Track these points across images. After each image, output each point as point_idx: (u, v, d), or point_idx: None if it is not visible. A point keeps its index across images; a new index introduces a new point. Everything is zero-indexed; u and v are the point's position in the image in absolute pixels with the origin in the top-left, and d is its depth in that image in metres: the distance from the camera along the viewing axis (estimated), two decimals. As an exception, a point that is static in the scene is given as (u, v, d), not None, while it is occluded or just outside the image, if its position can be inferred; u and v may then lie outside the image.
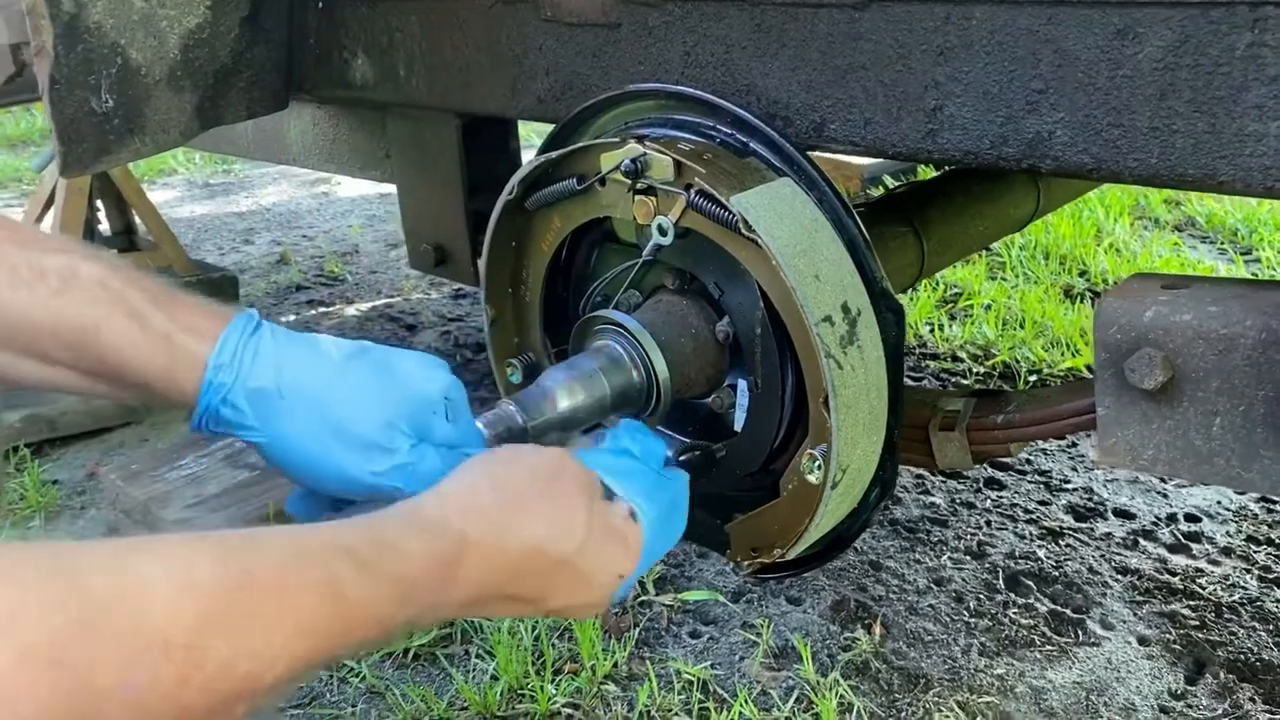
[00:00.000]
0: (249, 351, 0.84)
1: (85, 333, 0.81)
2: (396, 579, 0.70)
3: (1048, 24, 0.95)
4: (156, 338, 0.82)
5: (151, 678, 0.55)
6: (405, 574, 0.71)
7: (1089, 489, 2.37)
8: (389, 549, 0.71)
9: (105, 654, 0.53)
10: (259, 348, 0.85)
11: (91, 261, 0.83)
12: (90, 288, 0.81)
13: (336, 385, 0.86)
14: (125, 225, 3.13)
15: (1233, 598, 1.97)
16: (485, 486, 0.81)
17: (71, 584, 0.55)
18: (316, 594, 0.64)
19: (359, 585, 0.67)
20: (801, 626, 1.91)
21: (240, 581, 0.60)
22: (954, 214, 1.71)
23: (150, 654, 0.55)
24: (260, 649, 0.60)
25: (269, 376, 0.84)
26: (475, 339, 3.32)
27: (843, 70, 1.09)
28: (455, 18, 1.44)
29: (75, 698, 0.52)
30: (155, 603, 0.56)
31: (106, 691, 0.53)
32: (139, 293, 0.83)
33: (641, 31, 1.25)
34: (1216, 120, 0.88)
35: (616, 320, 1.16)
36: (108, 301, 0.81)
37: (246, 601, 0.60)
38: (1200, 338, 0.95)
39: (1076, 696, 1.75)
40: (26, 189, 5.62)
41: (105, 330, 0.81)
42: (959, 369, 2.98)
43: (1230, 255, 3.77)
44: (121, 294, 0.82)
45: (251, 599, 0.60)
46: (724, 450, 1.22)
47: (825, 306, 1.02)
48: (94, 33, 1.39)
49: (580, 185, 1.18)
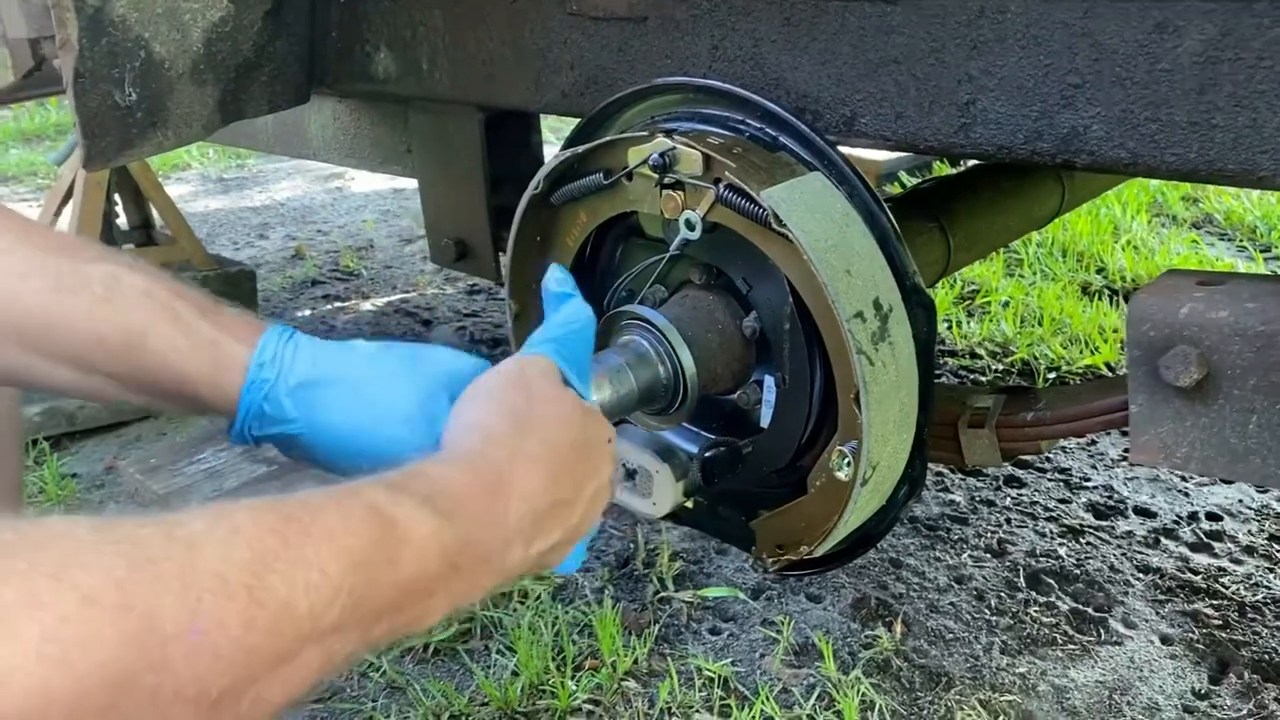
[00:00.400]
0: (288, 350, 0.86)
1: (130, 339, 0.82)
2: (434, 495, 0.70)
3: (1084, 17, 0.94)
4: (203, 343, 0.83)
5: (217, 619, 0.54)
6: (444, 490, 0.71)
7: (1109, 487, 2.36)
8: (418, 474, 0.72)
9: (169, 596, 0.53)
10: (298, 346, 0.87)
11: (135, 271, 0.84)
12: (135, 296, 0.82)
13: (372, 371, 0.88)
14: (143, 219, 3.13)
15: (1256, 597, 1.96)
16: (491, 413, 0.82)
17: (125, 536, 0.54)
18: (359, 521, 0.64)
19: (398, 504, 0.67)
20: (822, 624, 1.91)
21: (283, 524, 0.60)
22: (980, 210, 1.70)
23: (213, 594, 0.55)
24: (317, 582, 0.59)
25: (306, 370, 0.86)
26: (491, 334, 3.32)
27: (874, 64, 1.08)
28: (479, 11, 1.44)
29: (143, 641, 0.51)
30: (208, 547, 0.56)
31: (173, 635, 0.52)
32: (183, 302, 0.84)
33: (668, 25, 1.24)
34: (1258, 115, 0.87)
35: (643, 315, 1.15)
36: (153, 309, 0.82)
37: (294, 539, 0.60)
38: (1237, 334, 0.94)
39: (1099, 695, 1.74)
40: (42, 183, 5.64)
41: (152, 336, 0.82)
42: (978, 366, 2.97)
43: (1250, 253, 3.74)
44: (167, 302, 0.83)
45: (298, 536, 0.60)
46: (750, 447, 1.21)
47: (857, 302, 1.02)
48: (118, 26, 1.39)
49: (607, 180, 1.18)
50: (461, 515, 0.71)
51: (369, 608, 0.63)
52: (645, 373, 1.12)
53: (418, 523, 0.67)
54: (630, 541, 2.16)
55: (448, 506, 0.70)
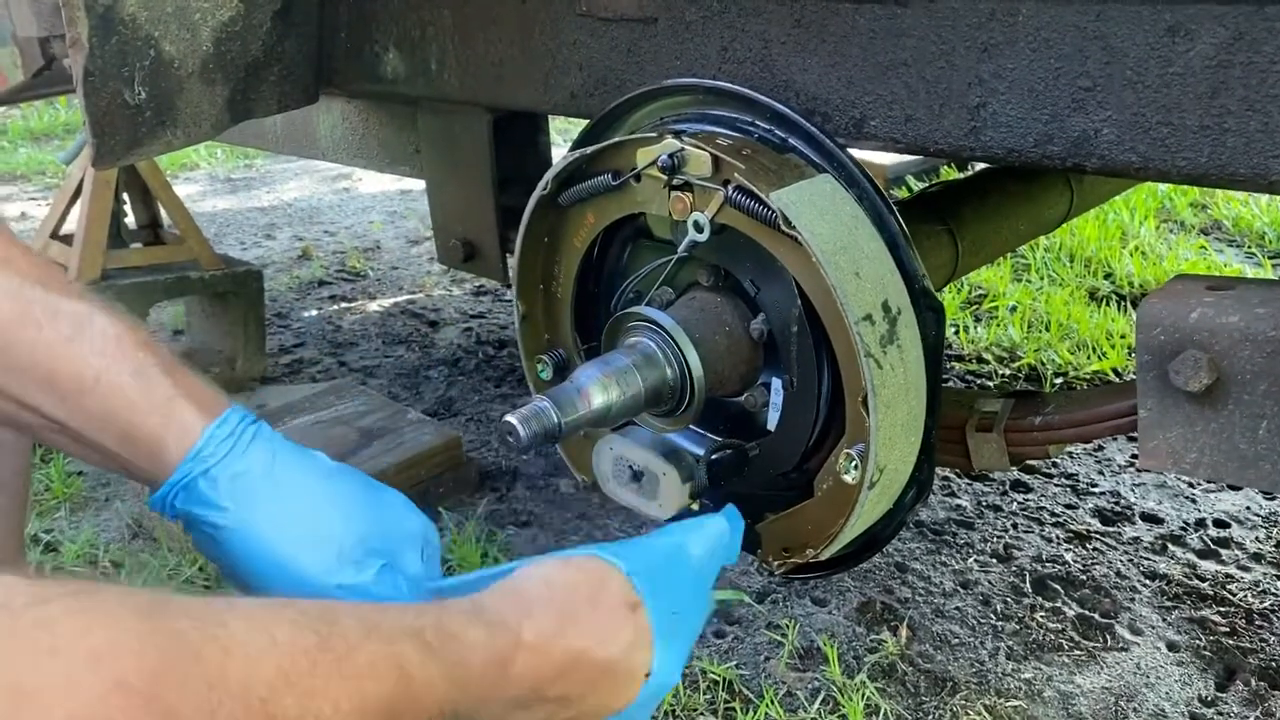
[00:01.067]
0: (248, 433, 0.83)
1: (83, 382, 0.79)
2: (457, 666, 0.73)
3: (1096, 20, 0.94)
4: (159, 400, 0.81)
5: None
6: (465, 662, 0.74)
7: (1116, 493, 2.35)
8: (453, 638, 0.74)
9: (193, 697, 0.56)
10: (258, 434, 0.84)
11: (109, 316, 0.82)
12: (102, 340, 0.80)
13: (326, 489, 0.85)
14: (151, 218, 3.13)
15: (1264, 604, 1.95)
16: (539, 592, 0.83)
17: (165, 629, 0.57)
18: (384, 671, 0.67)
19: (424, 667, 0.70)
20: (827, 628, 1.90)
21: (318, 650, 0.63)
22: (989, 213, 1.69)
23: (232, 703, 0.57)
24: (328, 715, 0.62)
25: (259, 463, 0.83)
26: (497, 335, 3.32)
27: (884, 66, 1.08)
28: (489, 12, 1.44)
29: None
30: (239, 655, 0.59)
31: None
32: (151, 356, 0.82)
33: (678, 26, 1.24)
34: (1270, 119, 0.86)
35: (650, 317, 1.15)
36: (117, 356, 0.80)
37: (321, 669, 0.63)
38: (1247, 340, 0.94)
39: (1105, 702, 1.73)
40: (50, 182, 5.65)
41: (105, 383, 0.80)
42: (984, 370, 2.96)
43: (1258, 259, 3.73)
44: (132, 353, 0.81)
45: (326, 667, 0.63)
46: (756, 449, 1.21)
47: (865, 305, 1.01)
48: (128, 25, 1.39)
49: (615, 181, 1.17)
50: (470, 688, 0.74)
51: None
52: (652, 374, 1.12)
53: (435, 689, 0.71)
54: (635, 544, 2.15)
55: (463, 677, 0.74)
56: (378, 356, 3.23)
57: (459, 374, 3.06)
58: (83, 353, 0.79)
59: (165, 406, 0.81)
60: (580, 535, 2.22)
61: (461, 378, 3.04)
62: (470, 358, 3.17)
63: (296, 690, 0.61)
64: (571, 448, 1.37)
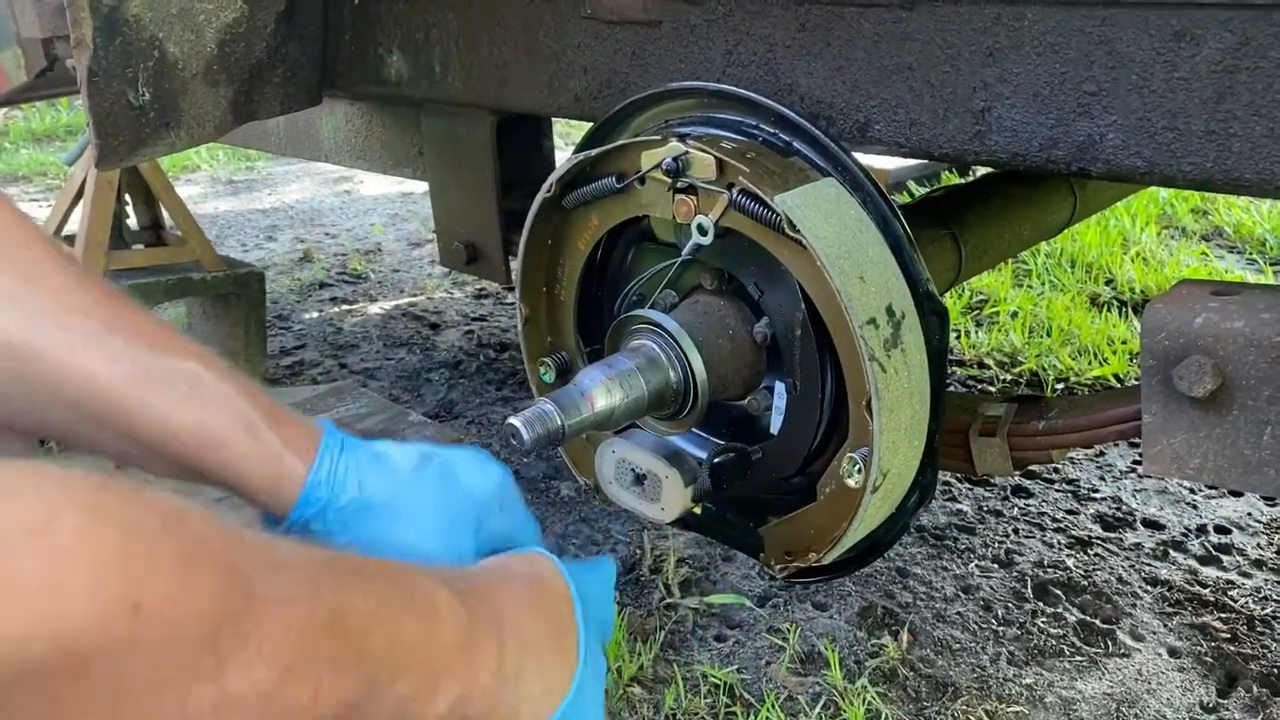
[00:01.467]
0: (340, 468, 0.90)
1: (204, 439, 0.85)
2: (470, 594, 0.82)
3: (1102, 25, 0.94)
4: (269, 455, 0.87)
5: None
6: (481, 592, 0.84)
7: (1117, 498, 2.35)
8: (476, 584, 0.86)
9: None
10: (346, 465, 0.90)
11: (215, 371, 0.87)
12: (215, 399, 0.85)
13: (412, 494, 0.93)
14: (153, 220, 3.13)
15: (1265, 611, 1.95)
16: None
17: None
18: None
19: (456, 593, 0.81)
20: (828, 632, 1.90)
21: (396, 576, 0.76)
22: (992, 218, 1.69)
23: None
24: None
25: (354, 491, 0.90)
26: (499, 339, 3.32)
27: (889, 70, 1.08)
28: (493, 14, 1.44)
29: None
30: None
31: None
32: (256, 409, 0.87)
33: (682, 29, 1.24)
34: (1276, 124, 0.86)
35: (654, 320, 1.15)
36: (231, 414, 0.85)
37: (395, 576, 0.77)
38: (1252, 345, 0.94)
39: (1106, 708, 1.73)
40: (52, 183, 5.66)
41: (225, 441, 0.85)
42: (986, 375, 2.96)
43: (1259, 265, 3.73)
44: (244, 411, 0.86)
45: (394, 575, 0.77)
46: (759, 453, 1.21)
47: (870, 309, 1.01)
48: (133, 26, 1.39)
49: (620, 183, 1.17)
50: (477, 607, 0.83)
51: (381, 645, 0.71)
52: (656, 377, 1.12)
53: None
54: (637, 547, 2.15)
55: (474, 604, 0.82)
56: (379, 359, 3.23)
57: (460, 377, 3.06)
58: (201, 412, 0.85)
59: (275, 464, 0.87)
60: (581, 539, 2.22)
61: (463, 380, 3.03)
62: (471, 360, 3.17)
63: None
64: (574, 450, 1.36)
